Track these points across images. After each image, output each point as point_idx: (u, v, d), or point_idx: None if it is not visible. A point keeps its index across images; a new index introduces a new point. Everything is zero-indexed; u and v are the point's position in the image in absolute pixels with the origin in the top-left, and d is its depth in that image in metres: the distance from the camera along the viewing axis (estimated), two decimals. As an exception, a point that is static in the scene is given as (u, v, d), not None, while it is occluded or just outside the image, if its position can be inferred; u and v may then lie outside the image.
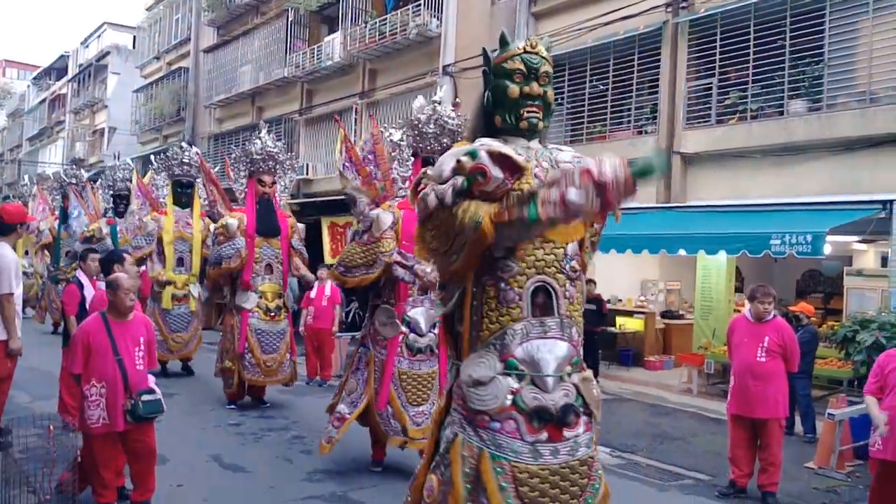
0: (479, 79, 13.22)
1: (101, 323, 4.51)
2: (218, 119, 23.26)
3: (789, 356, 5.83)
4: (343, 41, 17.06)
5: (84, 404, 4.40)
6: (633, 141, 11.73)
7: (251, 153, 8.49)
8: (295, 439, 7.05)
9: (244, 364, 8.09)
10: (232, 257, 8.17)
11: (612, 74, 11.98)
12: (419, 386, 5.79)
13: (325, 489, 5.57)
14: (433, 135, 5.92)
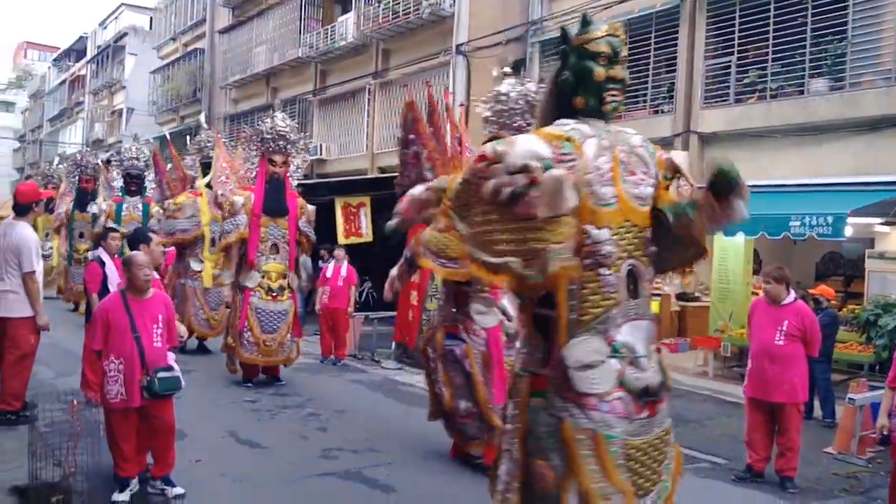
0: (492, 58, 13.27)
1: (121, 300, 4.57)
2: (233, 100, 23.34)
3: (809, 340, 5.74)
4: (356, 21, 17.00)
5: (104, 380, 4.47)
6: (650, 120, 11.63)
7: (261, 132, 8.50)
8: (310, 416, 7.13)
9: (242, 342, 8.15)
10: (230, 233, 8.28)
11: (628, 52, 11.80)
12: None
13: (341, 466, 5.63)
14: (520, 111, 5.52)
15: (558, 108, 3.14)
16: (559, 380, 2.93)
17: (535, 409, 3.01)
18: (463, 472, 5.71)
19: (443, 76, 15.13)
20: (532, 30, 13.24)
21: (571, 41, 3.13)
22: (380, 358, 10.76)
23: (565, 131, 2.93)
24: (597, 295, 2.91)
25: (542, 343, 3.05)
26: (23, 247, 5.85)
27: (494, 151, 2.78)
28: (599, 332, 2.91)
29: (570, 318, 2.92)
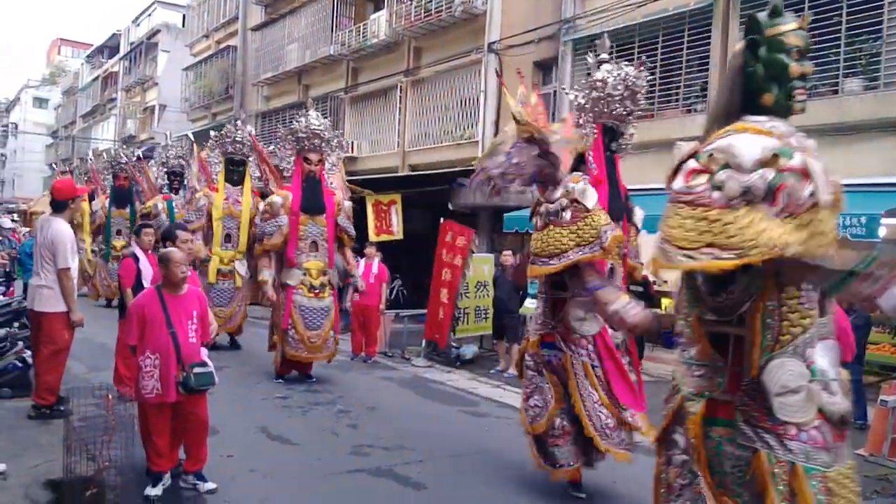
0: (525, 56, 13.11)
1: (156, 296, 4.64)
2: (265, 97, 23.53)
3: (843, 346, 5.66)
4: (388, 19, 17.05)
5: (139, 375, 4.54)
6: (683, 119, 11.51)
7: (296, 131, 8.56)
8: (341, 413, 7.22)
9: (287, 339, 8.27)
10: (273, 234, 8.33)
11: (660, 52, 11.74)
12: None
13: (371, 463, 5.69)
14: (619, 98, 5.15)
15: (743, 102, 2.87)
16: (752, 407, 2.68)
17: (717, 439, 2.75)
18: (494, 469, 5.74)
19: (474, 74, 15.14)
20: (564, 28, 13.16)
21: (763, 31, 2.82)
22: (410, 356, 10.83)
23: (784, 146, 2.65)
24: (796, 312, 2.66)
25: (724, 365, 2.77)
26: (58, 243, 5.93)
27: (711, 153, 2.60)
28: (798, 353, 2.65)
29: (765, 339, 2.64)
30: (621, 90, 5.12)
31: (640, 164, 11.89)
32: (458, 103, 15.67)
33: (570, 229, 4.68)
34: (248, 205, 10.60)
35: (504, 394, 8.88)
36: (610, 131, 5.19)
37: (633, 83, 5.15)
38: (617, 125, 5.21)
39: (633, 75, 5.16)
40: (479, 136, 14.85)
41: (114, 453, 4.32)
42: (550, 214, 4.81)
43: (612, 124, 5.19)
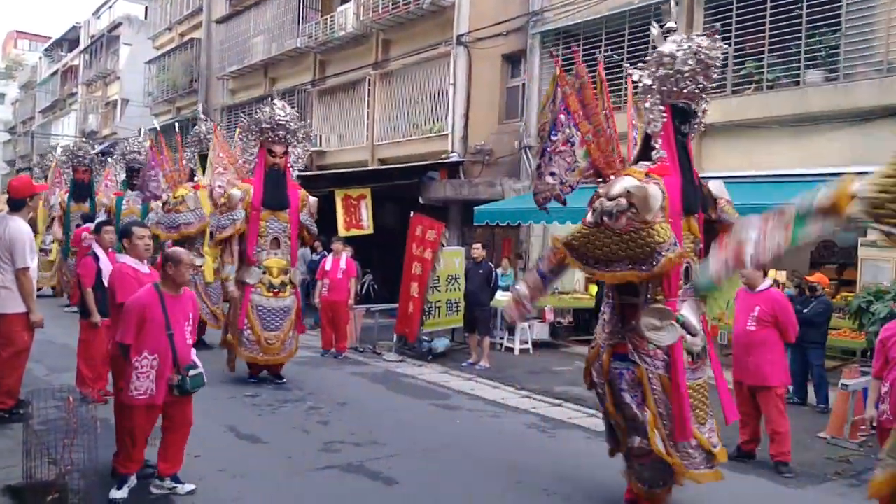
0: (493, 49, 13.07)
1: (156, 295, 4.51)
2: (231, 90, 23.23)
3: (783, 326, 5.98)
4: (356, 11, 16.92)
5: (131, 375, 4.40)
6: (649, 112, 11.60)
7: (260, 122, 8.26)
8: (311, 410, 7.15)
9: (242, 341, 7.96)
10: (226, 227, 8.03)
11: (627, 44, 11.81)
12: (702, 399, 4.54)
13: (342, 459, 5.65)
14: (690, 74, 4.51)
15: None
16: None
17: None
18: (466, 462, 5.74)
19: (443, 67, 15.09)
20: (532, 21, 13.17)
21: None
22: (381, 350, 10.79)
23: None
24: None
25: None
26: (16, 242, 5.78)
27: None
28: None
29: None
30: (693, 65, 4.48)
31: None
32: (428, 96, 15.61)
33: (622, 238, 4.21)
34: None
35: (476, 386, 8.89)
36: (681, 112, 4.57)
37: (707, 56, 4.52)
38: (688, 104, 4.58)
39: (705, 47, 4.52)
40: (448, 130, 14.83)
41: (76, 456, 4.22)
42: (605, 213, 4.29)
43: (682, 104, 4.57)
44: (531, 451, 6.32)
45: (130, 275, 4.93)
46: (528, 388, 8.79)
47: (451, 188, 14.24)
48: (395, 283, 11.34)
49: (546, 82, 13.15)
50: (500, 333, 11.71)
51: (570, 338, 12.54)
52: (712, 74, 4.61)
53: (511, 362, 10.55)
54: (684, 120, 4.60)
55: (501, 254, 13.84)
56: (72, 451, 4.18)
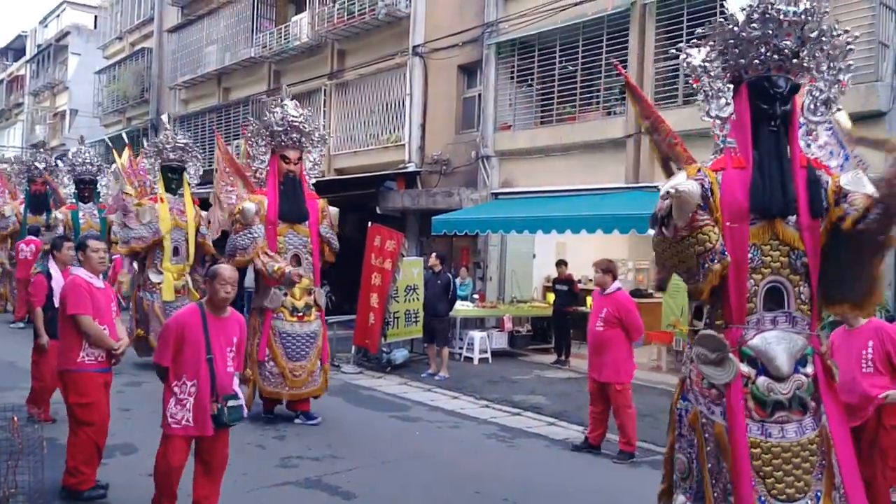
0: (449, 59, 12.99)
1: (199, 315, 4.17)
2: (183, 100, 22.88)
3: (628, 327, 6.37)
4: (311, 21, 16.84)
5: (169, 401, 4.14)
6: (603, 122, 11.78)
7: (270, 125, 7.31)
8: (267, 425, 7.02)
9: (263, 374, 6.95)
10: (247, 248, 6.90)
11: (581, 55, 11.98)
12: (801, 462, 3.22)
13: (300, 475, 5.56)
14: (770, 42, 3.35)
15: None
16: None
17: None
18: (426, 474, 5.69)
19: (400, 77, 15.10)
20: (487, 32, 13.28)
21: None
22: (339, 362, 10.66)
23: None
24: None
25: None
26: None
27: None
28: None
29: None
30: (773, 29, 3.32)
31: (566, 166, 12.16)
32: (384, 106, 15.59)
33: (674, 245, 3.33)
34: (192, 214, 9.86)
35: (435, 397, 8.85)
36: (763, 90, 3.38)
37: (798, 17, 3.31)
38: (776, 78, 3.37)
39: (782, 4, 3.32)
40: (405, 140, 14.82)
41: (21, 479, 4.06)
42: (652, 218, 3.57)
43: (761, 84, 3.39)
44: (491, 460, 6.31)
45: (83, 287, 4.73)
46: (488, 398, 8.78)
47: (409, 198, 14.22)
48: (352, 294, 11.25)
49: (502, 93, 13.28)
50: (460, 343, 11.70)
51: (529, 347, 12.59)
52: (807, 34, 3.34)
53: (470, 372, 10.54)
54: (773, 99, 3.37)
55: (459, 263, 13.85)
56: (16, 473, 4.03)
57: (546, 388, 9.57)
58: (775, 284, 3.29)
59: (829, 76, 3.47)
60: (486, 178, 13.36)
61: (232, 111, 19.41)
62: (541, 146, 12.58)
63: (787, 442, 3.19)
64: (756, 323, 3.28)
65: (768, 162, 3.33)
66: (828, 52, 3.41)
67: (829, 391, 3.30)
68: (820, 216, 3.28)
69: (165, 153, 9.91)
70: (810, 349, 3.26)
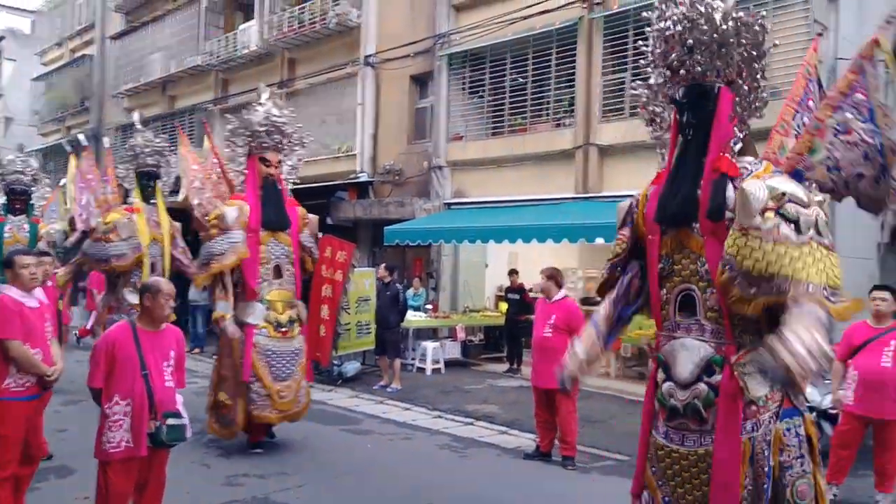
0: (401, 70, 12.86)
1: (130, 331, 4.00)
2: (127, 108, 22.30)
3: (575, 333, 6.29)
4: (260, 29, 16.63)
5: (104, 425, 3.91)
6: (552, 133, 11.92)
7: (252, 124, 6.83)
8: (211, 443, 6.81)
9: (251, 396, 6.41)
10: (225, 253, 6.43)
11: (531, 68, 12.11)
12: (688, 476, 3.19)
13: (247, 493, 5.41)
14: (680, 39, 3.25)
15: None
16: None
17: None
18: (376, 488, 5.61)
19: (351, 87, 15.02)
20: (439, 43, 13.32)
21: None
22: (287, 375, 10.46)
23: None
24: None
25: None
26: None
27: None
28: None
29: None
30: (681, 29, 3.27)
31: (517, 176, 12.26)
32: (336, 116, 15.49)
33: None
34: (168, 225, 8.68)
35: (387, 409, 8.76)
36: (675, 101, 3.38)
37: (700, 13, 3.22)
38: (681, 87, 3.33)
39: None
40: (357, 149, 14.73)
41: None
42: None
43: (682, 87, 3.33)
44: (443, 471, 6.27)
45: (11, 307, 4.35)
46: (440, 409, 8.74)
47: (361, 208, 14.12)
48: (303, 305, 11.04)
49: (454, 104, 13.32)
50: (412, 354, 11.63)
51: (482, 356, 12.60)
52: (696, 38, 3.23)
53: (423, 383, 10.48)
54: (682, 109, 3.33)
55: (412, 273, 13.80)
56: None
57: (498, 396, 9.57)
58: (687, 292, 3.27)
59: (747, 66, 3.33)
60: (438, 188, 13.36)
61: (177, 120, 19.01)
62: (492, 157, 12.65)
63: (686, 450, 3.17)
64: (670, 329, 3.31)
65: (676, 172, 3.31)
66: (738, 44, 3.26)
67: (727, 402, 3.08)
68: (721, 220, 3.11)
69: (142, 157, 8.75)
70: (718, 358, 3.13)
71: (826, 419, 6.55)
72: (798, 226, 2.91)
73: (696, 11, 3.21)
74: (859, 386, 5.38)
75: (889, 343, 5.37)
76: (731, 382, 3.06)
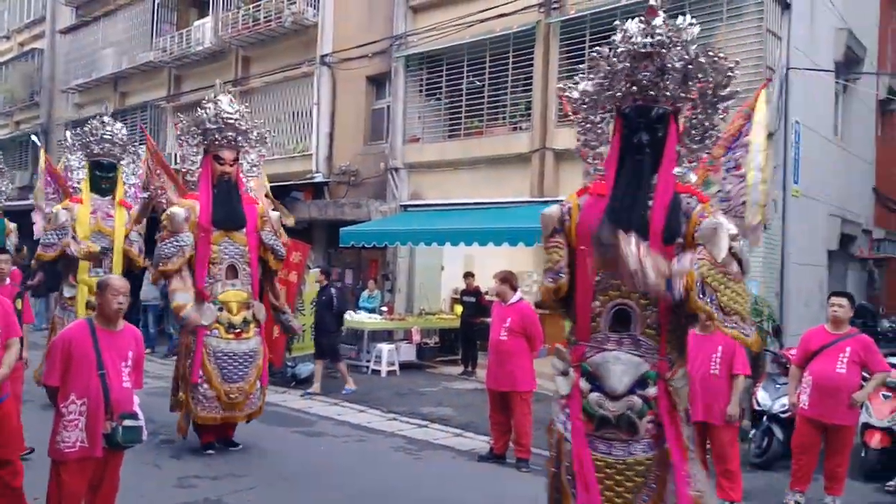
0: (358, 70, 12.79)
1: (87, 329, 3.94)
2: (77, 104, 21.79)
3: (530, 336, 6.53)
4: (214, 26, 16.39)
5: (59, 425, 3.85)
6: (509, 136, 12.03)
7: (203, 122, 6.74)
8: (163, 444, 6.71)
9: (196, 398, 6.33)
10: (172, 257, 6.34)
11: (488, 71, 12.20)
12: (611, 483, 3.34)
13: (199, 495, 5.35)
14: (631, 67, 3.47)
15: None
16: None
17: None
18: (328, 489, 5.59)
19: (307, 86, 14.90)
20: (396, 44, 13.32)
21: None
22: (240, 377, 10.33)
23: None
24: None
25: None
26: None
27: None
28: None
29: None
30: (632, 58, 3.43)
31: (473, 179, 12.32)
32: (291, 115, 15.34)
33: None
34: (122, 219, 8.43)
35: (342, 411, 8.73)
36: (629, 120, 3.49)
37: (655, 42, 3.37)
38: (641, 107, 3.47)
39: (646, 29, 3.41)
40: (312, 150, 14.63)
41: None
42: None
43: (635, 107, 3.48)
44: (397, 473, 6.28)
45: None
46: (395, 411, 8.74)
47: (316, 209, 14.03)
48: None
49: (410, 105, 13.32)
50: (367, 356, 11.59)
51: (437, 358, 12.63)
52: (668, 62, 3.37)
53: (378, 385, 10.46)
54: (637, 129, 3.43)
55: (368, 275, 13.76)
56: None
57: (453, 399, 9.61)
58: (623, 307, 3.35)
59: (708, 104, 3.50)
60: (394, 189, 13.36)
61: (129, 117, 18.60)
62: (449, 159, 12.71)
63: (612, 458, 3.28)
64: (599, 342, 3.37)
65: (625, 189, 3.38)
66: (705, 80, 3.43)
67: (669, 416, 3.27)
68: (672, 243, 3.27)
69: (92, 145, 8.48)
70: (653, 373, 3.28)
71: (777, 423, 6.73)
72: (742, 265, 3.20)
73: (678, 37, 3.37)
74: (814, 391, 5.44)
75: (844, 349, 5.45)
76: (667, 396, 3.29)
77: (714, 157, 3.74)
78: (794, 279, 10.09)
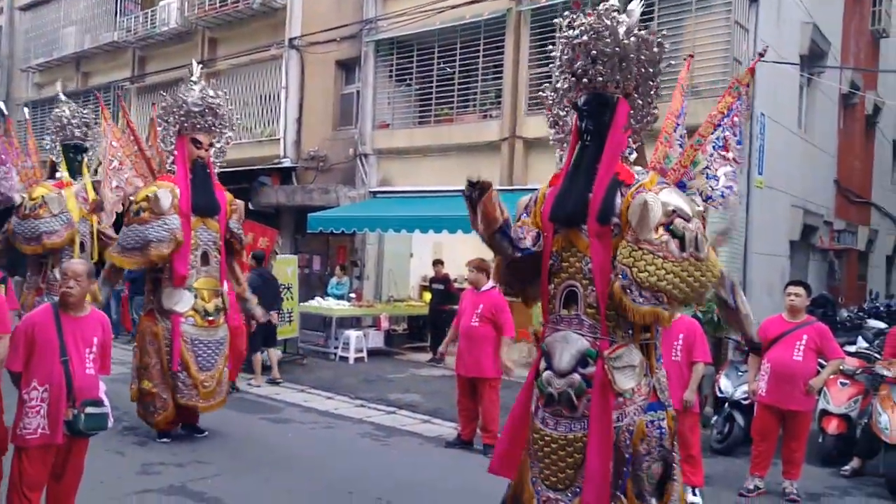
0: (327, 54, 12.66)
1: (51, 315, 3.88)
2: (37, 84, 21.25)
3: (500, 323, 6.58)
4: (180, 6, 16.07)
5: (21, 411, 3.79)
6: (479, 124, 12.02)
7: (188, 103, 6.55)
8: (126, 431, 6.61)
9: (177, 385, 6.25)
10: (164, 241, 6.15)
11: (459, 58, 12.15)
12: (555, 458, 3.48)
13: (163, 481, 5.29)
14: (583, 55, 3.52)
15: None
16: None
17: None
18: (295, 476, 5.57)
19: (275, 69, 14.70)
20: (366, 29, 13.19)
21: None
22: (206, 363, 10.21)
23: None
24: None
25: None
26: None
27: None
28: None
29: None
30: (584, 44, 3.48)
31: (443, 166, 12.30)
32: (259, 99, 15.13)
33: None
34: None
35: (309, 398, 8.70)
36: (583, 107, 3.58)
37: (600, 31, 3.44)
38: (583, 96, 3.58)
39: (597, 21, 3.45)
40: (280, 134, 14.46)
41: None
42: None
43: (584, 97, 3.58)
44: (364, 460, 6.28)
45: None
46: (363, 397, 8.73)
47: (284, 194, 13.89)
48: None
49: (380, 91, 13.22)
50: (335, 343, 11.55)
51: (405, 345, 12.64)
52: (598, 50, 3.42)
53: (345, 371, 10.43)
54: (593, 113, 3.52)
55: (336, 262, 13.69)
56: None
57: (421, 386, 9.64)
58: (572, 288, 3.51)
59: (644, 96, 3.57)
60: (363, 176, 13.28)
61: (91, 97, 18.17)
62: (419, 146, 12.66)
63: (557, 434, 3.43)
64: (555, 322, 3.56)
65: (571, 175, 3.57)
66: (637, 60, 3.48)
67: (600, 393, 3.33)
68: (608, 223, 3.36)
69: (70, 129, 8.23)
70: (593, 351, 3.38)
71: (738, 409, 6.89)
72: (683, 242, 3.18)
73: (602, 24, 3.42)
74: (771, 378, 5.58)
75: (801, 337, 5.58)
76: (603, 375, 3.34)
77: (701, 136, 3.76)
78: (756, 269, 10.28)
